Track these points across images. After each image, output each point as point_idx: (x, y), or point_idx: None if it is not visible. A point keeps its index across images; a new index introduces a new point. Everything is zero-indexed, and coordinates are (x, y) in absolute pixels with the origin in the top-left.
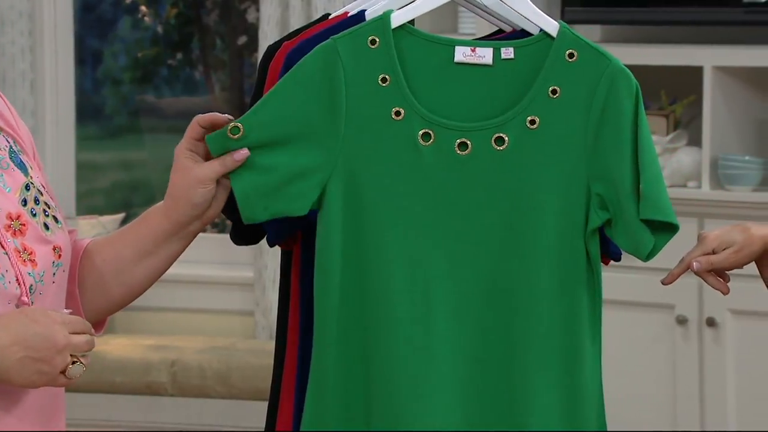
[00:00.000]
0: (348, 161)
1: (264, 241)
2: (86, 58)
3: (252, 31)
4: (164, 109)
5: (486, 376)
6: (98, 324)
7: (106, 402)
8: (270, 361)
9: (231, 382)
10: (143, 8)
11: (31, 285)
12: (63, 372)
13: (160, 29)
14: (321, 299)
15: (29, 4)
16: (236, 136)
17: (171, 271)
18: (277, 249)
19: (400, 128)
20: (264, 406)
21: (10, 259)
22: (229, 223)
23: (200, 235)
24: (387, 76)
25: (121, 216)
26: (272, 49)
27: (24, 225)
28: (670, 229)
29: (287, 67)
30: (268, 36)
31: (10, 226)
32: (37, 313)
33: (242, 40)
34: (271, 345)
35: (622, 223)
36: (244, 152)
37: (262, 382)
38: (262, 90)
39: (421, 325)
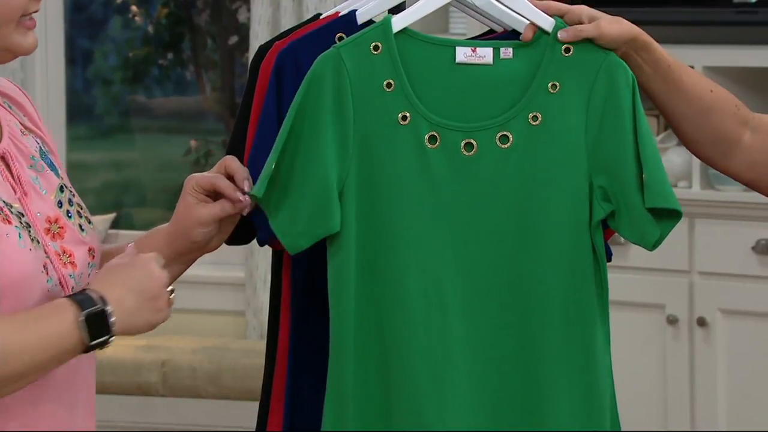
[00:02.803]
0: (359, 168)
1: (255, 242)
2: (77, 58)
3: (243, 31)
4: (155, 109)
5: (502, 376)
6: None
7: (98, 402)
8: (261, 361)
9: (222, 382)
10: (134, 8)
11: (73, 287)
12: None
13: (150, 29)
14: (337, 306)
15: None
16: (273, 167)
17: None
18: (268, 249)
19: (407, 132)
20: (255, 406)
21: (52, 262)
22: None
23: None
24: (391, 81)
25: (111, 216)
26: (263, 49)
27: (62, 228)
28: (674, 215)
29: (278, 67)
30: (259, 36)
31: (49, 230)
32: (130, 259)
33: (233, 40)
34: (262, 345)
35: (627, 214)
36: (247, 201)
37: (253, 382)
38: (253, 90)
39: (436, 327)
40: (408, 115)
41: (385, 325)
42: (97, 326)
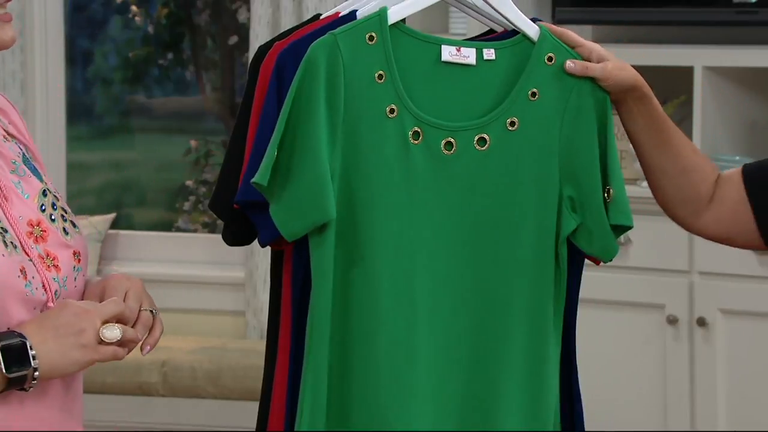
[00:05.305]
0: (344, 157)
1: (255, 242)
2: (77, 58)
3: (243, 31)
4: (155, 109)
5: (459, 377)
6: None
7: (98, 402)
8: (261, 361)
9: (222, 382)
10: (134, 8)
11: (56, 290)
12: (101, 342)
13: (150, 29)
14: (317, 298)
15: (19, 4)
16: (276, 154)
17: (162, 271)
18: (268, 249)
19: (393, 126)
20: (255, 406)
21: (35, 265)
22: (220, 223)
23: (191, 235)
24: (383, 73)
25: (111, 216)
26: (263, 49)
27: (45, 231)
28: (624, 230)
29: (279, 67)
30: (259, 36)
31: (32, 233)
32: (54, 306)
33: (233, 40)
34: (262, 345)
35: (591, 228)
36: (121, 354)
37: (253, 383)
38: (253, 90)
39: (404, 322)
40: (395, 108)
41: (354, 321)
42: (17, 359)
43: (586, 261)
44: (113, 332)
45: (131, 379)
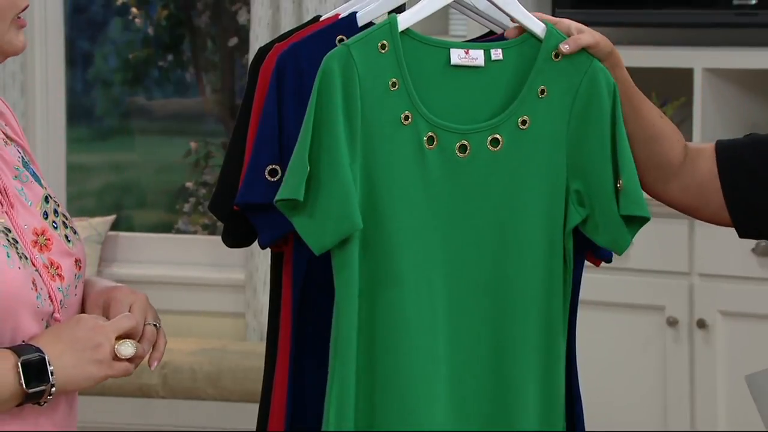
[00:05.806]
0: (363, 166)
1: (255, 243)
2: (77, 59)
3: (243, 32)
4: (155, 110)
5: (479, 376)
6: None
7: (98, 404)
8: (261, 363)
9: (222, 384)
10: (134, 10)
11: (61, 300)
12: (116, 357)
13: (150, 31)
14: (343, 306)
15: None
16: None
17: (162, 272)
18: (268, 251)
19: (408, 132)
20: (255, 408)
21: (41, 275)
22: (220, 224)
23: (191, 237)
24: (396, 81)
25: (111, 218)
26: (263, 51)
27: (49, 240)
28: (642, 221)
29: (279, 69)
30: (259, 38)
31: (36, 242)
32: (76, 318)
33: (233, 41)
34: (262, 347)
35: (601, 220)
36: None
37: (253, 384)
38: (253, 91)
39: (426, 325)
40: (410, 115)
41: (378, 325)
42: (36, 374)
43: (586, 263)
44: (128, 349)
45: (131, 381)
